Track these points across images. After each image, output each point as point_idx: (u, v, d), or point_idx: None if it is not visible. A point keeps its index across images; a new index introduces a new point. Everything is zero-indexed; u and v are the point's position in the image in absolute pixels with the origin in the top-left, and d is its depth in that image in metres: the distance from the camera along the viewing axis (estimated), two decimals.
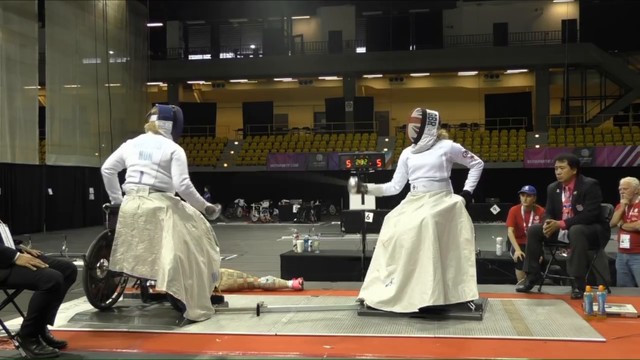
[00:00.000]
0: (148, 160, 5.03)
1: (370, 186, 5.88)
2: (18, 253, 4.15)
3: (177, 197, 5.14)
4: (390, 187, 5.71)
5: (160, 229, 4.85)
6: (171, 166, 5.04)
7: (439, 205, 5.18)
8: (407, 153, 5.59)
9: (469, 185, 5.41)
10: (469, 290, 5.02)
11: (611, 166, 26.06)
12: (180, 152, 5.08)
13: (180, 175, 5.03)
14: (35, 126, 21.13)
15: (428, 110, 5.41)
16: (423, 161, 5.38)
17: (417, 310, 4.86)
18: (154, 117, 5.23)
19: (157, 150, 5.05)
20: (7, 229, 4.34)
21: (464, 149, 5.47)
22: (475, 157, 5.47)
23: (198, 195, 5.14)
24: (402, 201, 5.49)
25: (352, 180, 5.76)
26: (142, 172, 5.02)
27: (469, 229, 5.17)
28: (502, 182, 21.08)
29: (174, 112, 5.27)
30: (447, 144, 5.40)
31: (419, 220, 5.04)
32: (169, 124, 5.21)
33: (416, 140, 5.42)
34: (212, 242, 5.32)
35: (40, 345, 4.02)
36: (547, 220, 5.90)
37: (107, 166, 5.19)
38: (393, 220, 5.34)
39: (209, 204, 5.20)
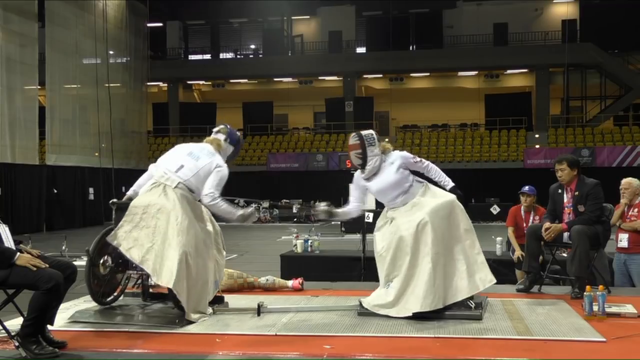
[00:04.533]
0: (194, 160, 5.02)
1: (340, 211, 5.60)
2: (18, 253, 4.14)
3: (196, 201, 5.09)
4: (355, 209, 5.48)
5: (168, 224, 4.77)
6: (209, 176, 4.98)
7: (427, 204, 5.08)
8: (360, 179, 5.37)
9: (444, 183, 5.31)
10: (485, 276, 5.04)
11: (611, 166, 26.04)
12: (224, 169, 5.04)
13: (211, 186, 4.94)
14: (35, 126, 21.13)
15: (363, 132, 5.27)
16: (382, 184, 5.23)
17: (411, 315, 4.83)
18: (221, 137, 5.22)
19: (206, 157, 5.04)
20: (7, 229, 4.33)
21: (411, 156, 5.32)
22: (422, 160, 5.34)
23: (224, 207, 4.95)
24: (383, 211, 5.37)
25: (324, 206, 5.49)
26: (183, 166, 5.00)
27: (465, 219, 5.14)
28: (502, 182, 21.16)
29: (238, 140, 5.32)
30: (395, 156, 5.26)
31: (415, 224, 4.97)
32: (230, 149, 5.26)
33: (363, 166, 5.25)
34: (220, 247, 5.31)
35: (40, 345, 4.01)
36: (545, 226, 5.85)
37: (156, 163, 5.17)
38: (383, 230, 5.24)
39: (240, 212, 5.01)
